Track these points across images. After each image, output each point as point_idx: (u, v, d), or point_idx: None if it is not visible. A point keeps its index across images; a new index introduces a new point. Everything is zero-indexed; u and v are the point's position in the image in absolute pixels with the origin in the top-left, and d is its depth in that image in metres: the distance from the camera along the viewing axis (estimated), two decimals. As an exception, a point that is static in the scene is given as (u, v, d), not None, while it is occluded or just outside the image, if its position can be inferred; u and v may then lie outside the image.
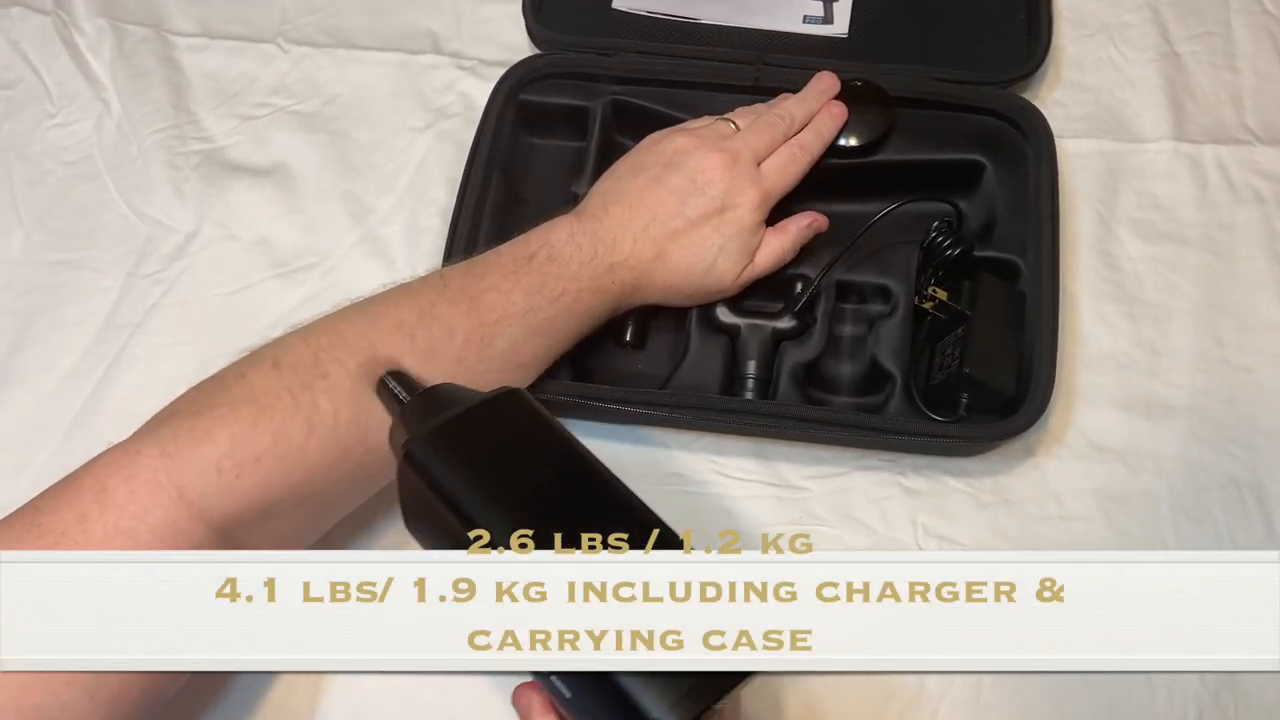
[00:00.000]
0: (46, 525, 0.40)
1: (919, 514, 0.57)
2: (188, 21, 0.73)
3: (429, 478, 0.38)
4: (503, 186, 0.63)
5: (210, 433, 0.42)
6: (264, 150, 0.69)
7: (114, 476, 0.41)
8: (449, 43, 0.72)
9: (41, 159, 0.69)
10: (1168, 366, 0.60)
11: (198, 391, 0.45)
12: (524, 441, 0.40)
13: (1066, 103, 0.68)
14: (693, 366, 0.58)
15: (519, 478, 0.39)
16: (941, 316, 0.57)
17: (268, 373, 0.44)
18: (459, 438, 0.40)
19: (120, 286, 0.64)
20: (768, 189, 0.56)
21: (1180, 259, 0.63)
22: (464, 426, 0.40)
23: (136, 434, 0.43)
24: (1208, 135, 0.67)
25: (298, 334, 0.47)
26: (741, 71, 0.63)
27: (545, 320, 0.51)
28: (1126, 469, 0.58)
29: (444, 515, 0.38)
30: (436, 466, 0.39)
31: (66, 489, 0.41)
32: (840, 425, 0.55)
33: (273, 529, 0.45)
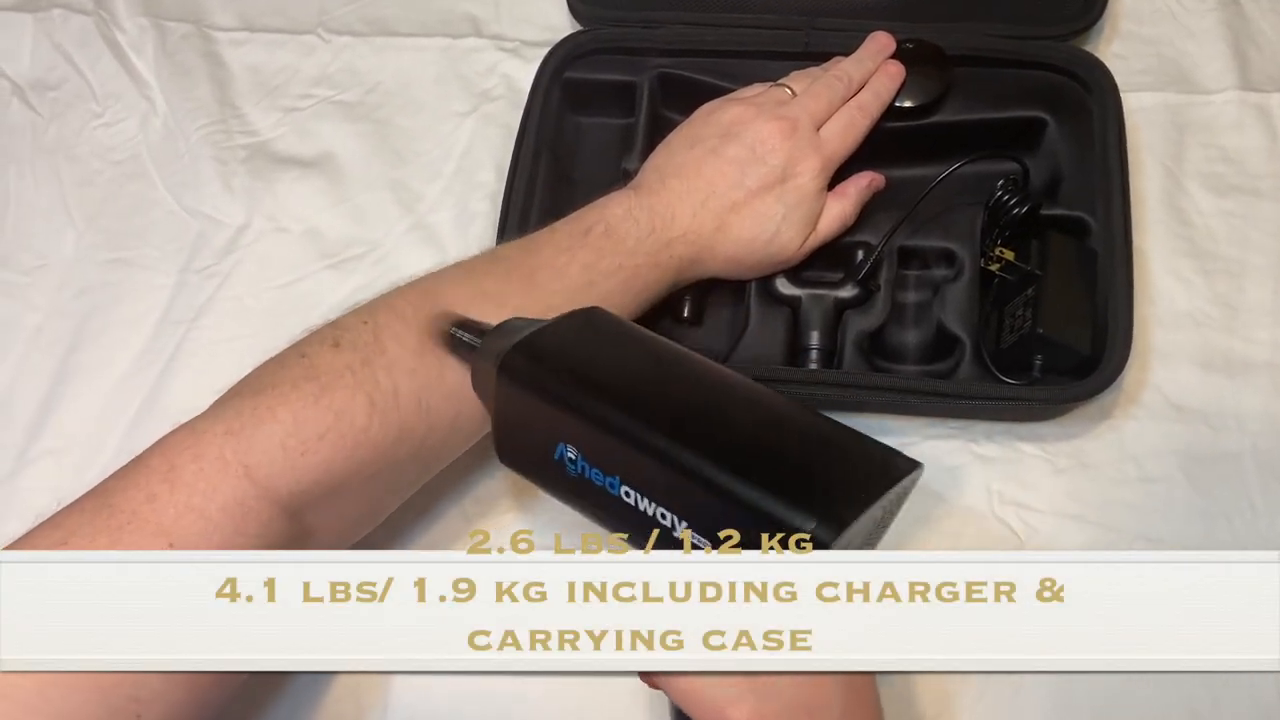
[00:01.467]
0: (117, 505, 0.39)
1: (993, 481, 0.56)
2: (228, 16, 0.73)
3: (529, 378, 0.39)
4: (552, 167, 0.62)
5: (273, 410, 0.42)
6: (310, 141, 0.68)
7: (181, 456, 0.40)
8: (489, 25, 0.71)
9: (90, 159, 0.69)
10: (1245, 322, 0.58)
11: (260, 372, 0.45)
12: (615, 340, 0.41)
13: (1126, 55, 0.66)
14: (754, 340, 0.57)
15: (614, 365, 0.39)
16: (1009, 278, 0.56)
17: (328, 352, 0.44)
18: (550, 341, 0.40)
19: (174, 283, 0.64)
20: (828, 154, 0.54)
21: (1253, 211, 0.61)
22: (550, 336, 0.40)
23: (202, 414, 0.43)
24: (1274, 83, 0.65)
25: (356, 314, 0.46)
26: (791, 38, 0.62)
27: (602, 294, 0.51)
28: (1208, 429, 0.56)
29: (550, 415, 0.38)
30: (534, 370, 0.39)
31: (135, 470, 0.41)
32: (911, 392, 0.53)
33: (340, 509, 0.44)
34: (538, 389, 0.38)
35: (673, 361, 0.40)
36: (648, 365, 0.40)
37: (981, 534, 0.54)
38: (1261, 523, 0.54)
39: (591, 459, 0.37)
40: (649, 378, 0.39)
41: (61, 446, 0.60)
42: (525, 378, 0.39)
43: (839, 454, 0.38)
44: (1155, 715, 0.50)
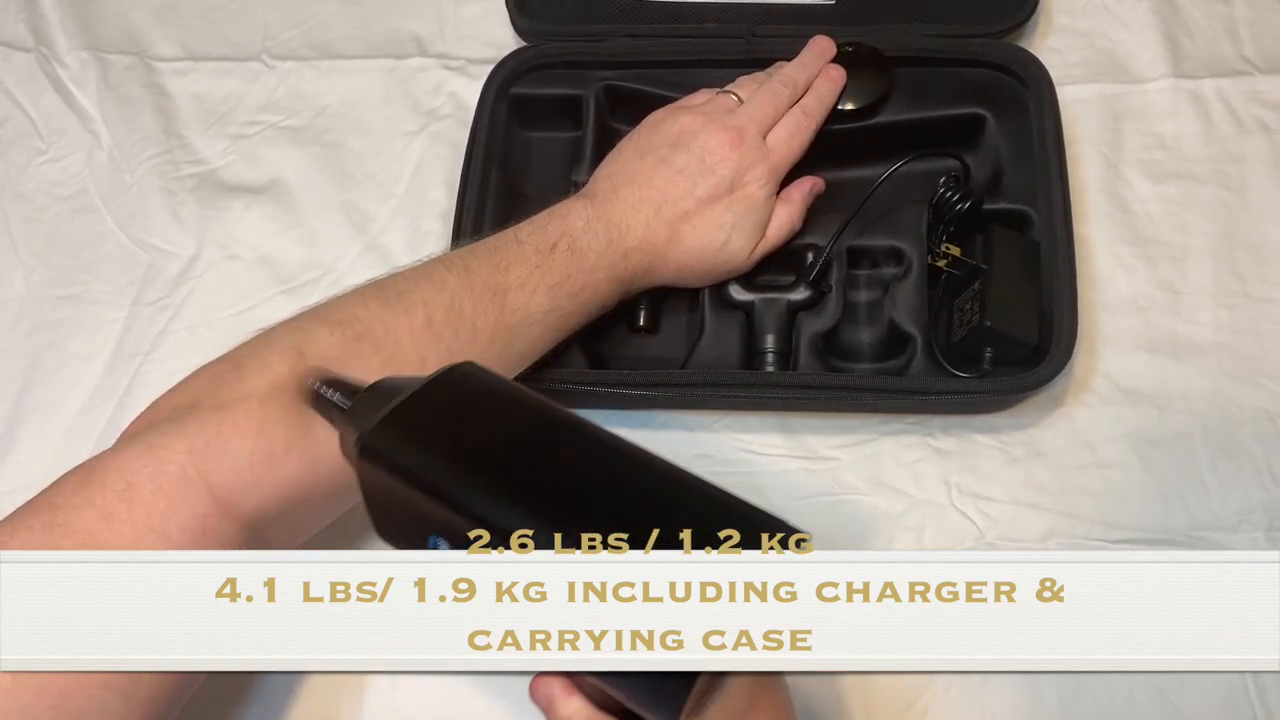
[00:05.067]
0: (71, 524, 0.38)
1: (951, 474, 0.56)
2: (170, 46, 0.72)
3: (393, 463, 0.36)
4: (502, 183, 0.62)
5: (239, 426, 0.41)
6: (258, 168, 0.68)
7: (140, 474, 0.40)
8: (434, 44, 0.71)
9: (36, 196, 0.68)
10: (1189, 305, 0.60)
11: (214, 381, 0.43)
12: (486, 407, 0.37)
13: (1061, 49, 0.67)
14: (710, 346, 0.57)
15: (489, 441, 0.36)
16: (956, 273, 0.57)
17: (294, 361, 0.43)
18: (417, 416, 0.36)
19: (126, 316, 0.64)
20: (776, 161, 0.55)
21: (1191, 196, 0.62)
22: (419, 406, 0.37)
23: (158, 427, 0.41)
24: (1207, 70, 0.66)
25: (319, 319, 0.45)
26: (733, 45, 0.63)
27: (565, 316, 0.51)
28: (1157, 411, 0.57)
29: (419, 501, 0.35)
30: (399, 450, 0.36)
31: (87, 484, 0.40)
32: (865, 390, 0.54)
33: (299, 522, 0.44)
34: (403, 476, 0.36)
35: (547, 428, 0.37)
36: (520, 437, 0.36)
37: (942, 527, 0.55)
38: (1215, 501, 0.55)
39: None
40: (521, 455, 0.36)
41: (19, 486, 0.59)
42: (389, 463, 0.36)
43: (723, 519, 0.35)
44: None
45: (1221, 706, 0.51)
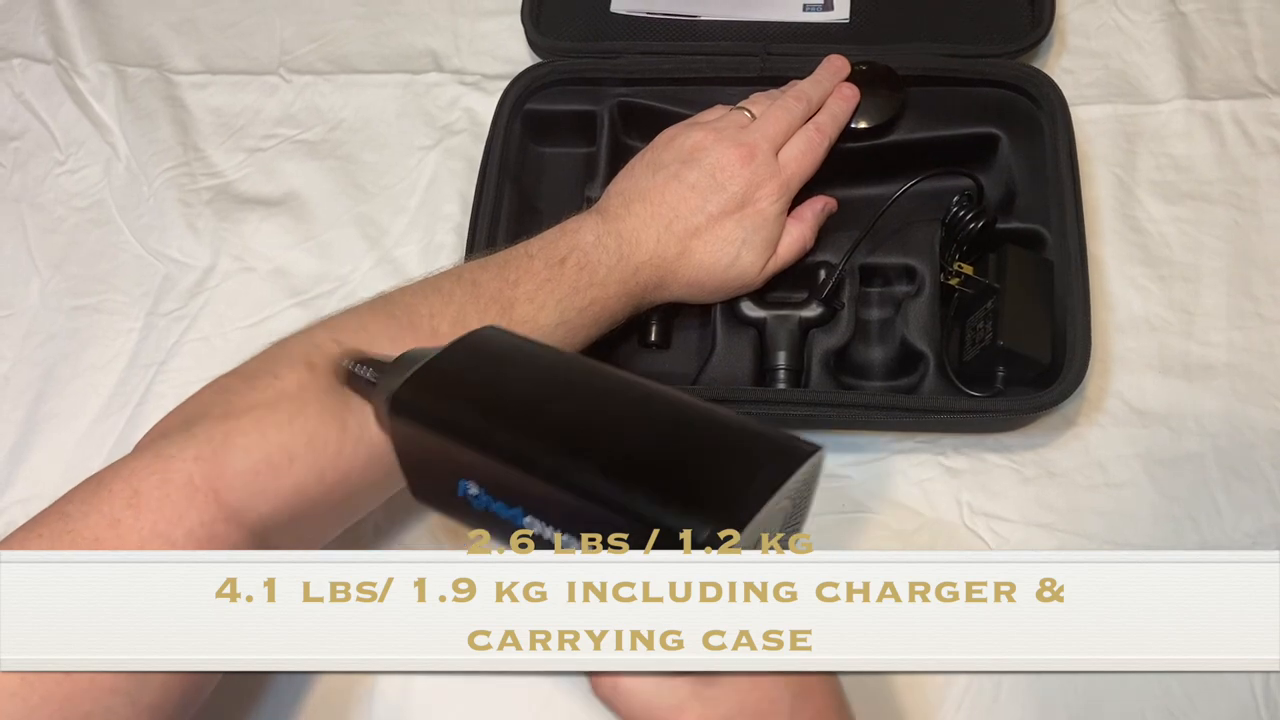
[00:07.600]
0: (79, 531, 0.39)
1: (962, 493, 0.56)
2: (188, 59, 0.73)
3: (421, 413, 0.37)
4: (515, 197, 0.63)
5: (246, 434, 0.41)
6: (274, 181, 0.69)
7: (147, 481, 0.40)
8: (450, 60, 0.72)
9: (54, 206, 0.69)
10: (1202, 326, 0.59)
11: (224, 392, 0.44)
12: (510, 359, 0.39)
13: (1075, 70, 0.67)
14: (721, 362, 0.57)
15: (512, 386, 0.38)
16: (969, 292, 0.57)
17: (302, 373, 0.43)
18: (442, 371, 0.38)
19: (141, 327, 0.64)
20: (787, 179, 0.55)
21: (1205, 217, 0.62)
22: (444, 363, 0.39)
23: (168, 437, 0.42)
24: (1220, 91, 0.66)
25: (328, 330, 0.46)
26: (747, 63, 0.63)
27: (573, 330, 0.51)
28: (1170, 432, 0.57)
29: (448, 448, 0.36)
30: (426, 402, 0.37)
31: (96, 493, 0.40)
32: (877, 408, 0.54)
33: (305, 530, 0.44)
34: (431, 424, 0.37)
35: (565, 373, 0.39)
36: (539, 384, 0.39)
37: (953, 546, 0.55)
38: (1227, 522, 0.55)
39: (494, 493, 0.37)
40: (540, 397, 0.38)
41: (33, 494, 0.59)
42: (418, 414, 0.37)
43: (735, 450, 0.36)
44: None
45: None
